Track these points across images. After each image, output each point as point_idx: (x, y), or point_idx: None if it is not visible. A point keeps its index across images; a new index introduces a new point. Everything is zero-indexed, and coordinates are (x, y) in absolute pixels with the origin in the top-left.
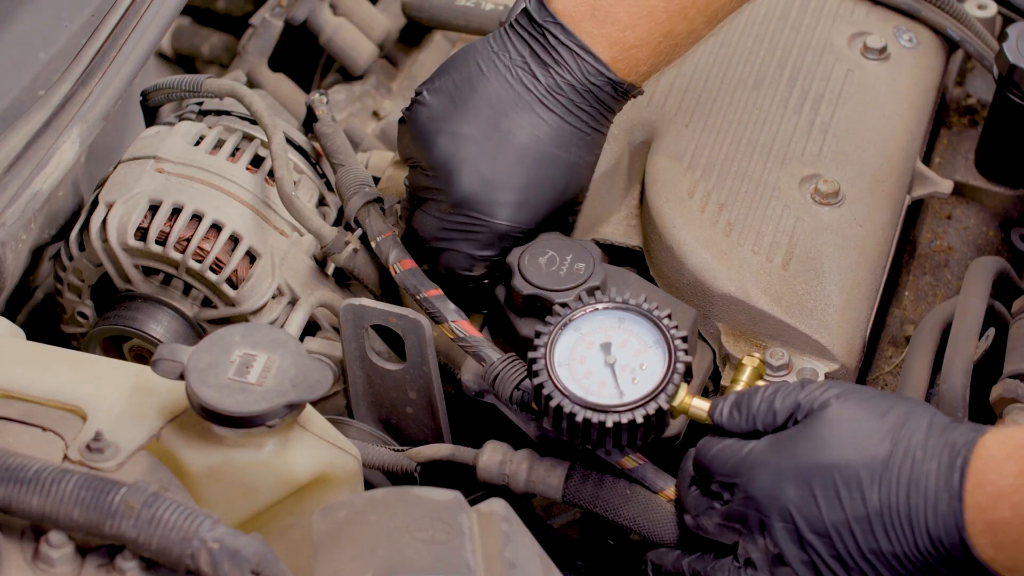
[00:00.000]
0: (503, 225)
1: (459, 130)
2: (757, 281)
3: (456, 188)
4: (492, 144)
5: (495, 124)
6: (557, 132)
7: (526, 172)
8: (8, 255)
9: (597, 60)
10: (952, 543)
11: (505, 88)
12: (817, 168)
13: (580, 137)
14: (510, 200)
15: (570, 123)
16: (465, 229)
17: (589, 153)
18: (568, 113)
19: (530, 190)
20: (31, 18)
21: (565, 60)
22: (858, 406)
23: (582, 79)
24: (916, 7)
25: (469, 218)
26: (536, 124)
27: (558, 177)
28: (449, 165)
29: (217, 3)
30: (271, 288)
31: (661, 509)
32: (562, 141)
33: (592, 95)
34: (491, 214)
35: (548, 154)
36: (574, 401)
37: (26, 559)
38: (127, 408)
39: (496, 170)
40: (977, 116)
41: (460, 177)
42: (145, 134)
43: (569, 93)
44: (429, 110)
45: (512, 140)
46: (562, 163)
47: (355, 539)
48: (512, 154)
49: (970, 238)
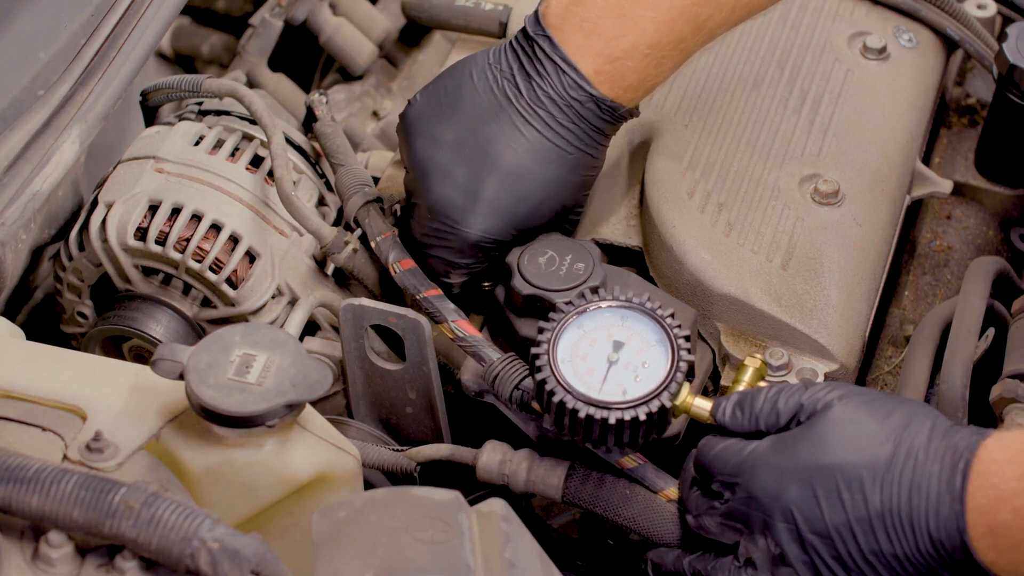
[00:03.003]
0: (473, 234)
1: (438, 134)
2: (757, 281)
3: (428, 193)
4: (467, 152)
5: (474, 132)
6: (535, 146)
7: (499, 184)
8: (8, 255)
9: (577, 73)
10: (953, 545)
11: (489, 97)
12: (817, 168)
13: (559, 154)
14: (481, 210)
15: (549, 139)
16: (439, 235)
17: (572, 173)
18: (547, 128)
19: (502, 202)
20: (31, 18)
21: (548, 73)
22: (861, 408)
23: (563, 92)
24: (916, 7)
25: (442, 224)
26: (513, 136)
27: (533, 191)
28: (424, 168)
29: (217, 3)
30: (271, 288)
31: (661, 509)
32: (540, 156)
33: (573, 111)
34: (461, 222)
35: (523, 168)
36: (577, 397)
37: (26, 559)
38: (127, 408)
39: (469, 179)
40: (977, 116)
41: (432, 182)
42: (145, 134)
43: (549, 107)
44: (415, 111)
45: (487, 150)
46: (538, 178)
47: (355, 539)
48: (486, 164)
49: (970, 238)
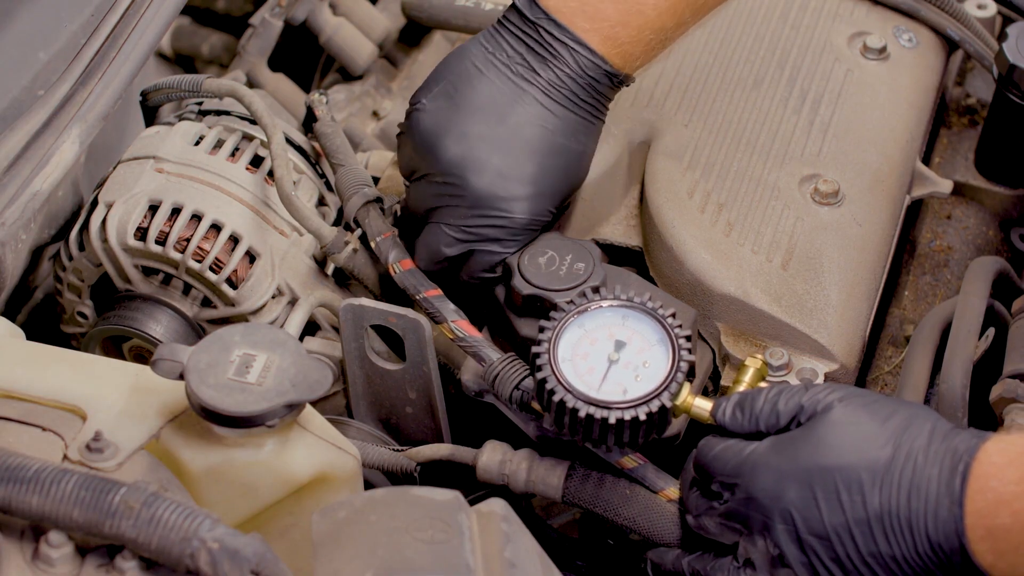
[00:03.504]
0: (523, 218)
1: (467, 130)
2: (757, 281)
3: (473, 187)
4: (502, 139)
5: (502, 120)
6: (564, 122)
7: (539, 163)
8: (8, 255)
9: (593, 53)
10: (952, 548)
11: (507, 84)
12: (817, 168)
13: (585, 126)
14: (527, 193)
15: (576, 113)
16: (488, 227)
17: (593, 140)
18: (572, 104)
19: (544, 181)
20: (31, 18)
21: (562, 55)
22: (861, 410)
23: (581, 72)
24: (916, 7)
25: (490, 216)
26: (543, 116)
27: (568, 166)
28: (462, 165)
29: (217, 3)
30: (271, 288)
31: (661, 509)
32: (569, 131)
33: (591, 87)
34: (510, 209)
35: (558, 144)
36: (577, 396)
37: (26, 559)
38: (127, 408)
39: (510, 164)
40: (977, 116)
41: (475, 176)
42: (145, 134)
43: (571, 86)
44: (430, 116)
45: (522, 133)
46: (571, 152)
47: (355, 539)
48: (523, 147)
49: (970, 238)
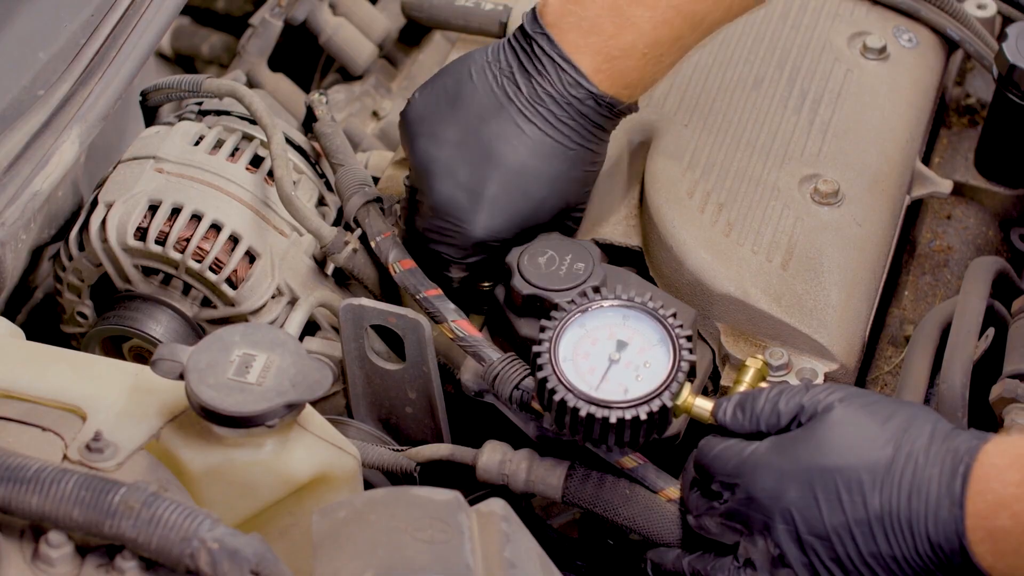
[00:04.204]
0: (477, 233)
1: (440, 133)
2: (756, 281)
3: (432, 192)
4: (470, 151)
5: (476, 131)
6: (537, 144)
7: (502, 182)
8: (8, 255)
9: (576, 71)
10: (952, 549)
11: (489, 96)
12: (817, 168)
13: (562, 151)
14: (485, 209)
15: (551, 136)
16: (442, 233)
17: (574, 168)
18: (549, 126)
19: (506, 200)
20: (31, 18)
21: (547, 71)
22: (862, 410)
23: (562, 90)
24: (916, 7)
25: (445, 223)
26: (515, 134)
27: (536, 188)
28: (426, 167)
29: (217, 3)
30: (270, 288)
31: (661, 509)
32: (542, 153)
33: (573, 108)
34: (465, 221)
35: (526, 165)
36: (578, 396)
37: (26, 559)
38: (127, 408)
39: (472, 178)
40: (977, 116)
41: (435, 182)
42: (145, 134)
43: (550, 104)
44: (416, 110)
45: (490, 149)
46: (541, 175)
47: (355, 539)
48: (489, 163)
49: (970, 238)
